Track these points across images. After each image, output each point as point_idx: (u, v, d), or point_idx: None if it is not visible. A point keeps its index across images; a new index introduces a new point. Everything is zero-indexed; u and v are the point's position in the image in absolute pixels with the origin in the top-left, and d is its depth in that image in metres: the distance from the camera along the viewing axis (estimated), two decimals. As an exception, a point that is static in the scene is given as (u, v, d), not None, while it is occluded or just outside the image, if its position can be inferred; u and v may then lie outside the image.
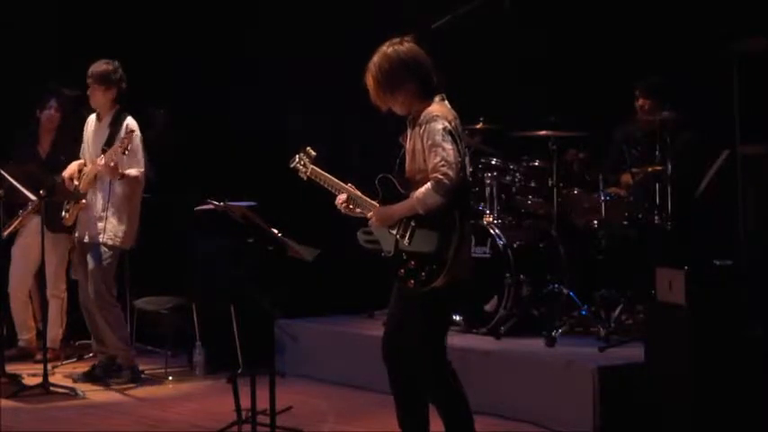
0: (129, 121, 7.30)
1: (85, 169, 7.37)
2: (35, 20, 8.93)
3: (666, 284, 5.62)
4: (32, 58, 8.68)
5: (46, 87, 8.32)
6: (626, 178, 7.19)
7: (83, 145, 7.53)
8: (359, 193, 5.07)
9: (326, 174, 5.15)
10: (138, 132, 7.21)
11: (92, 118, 7.50)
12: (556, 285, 7.06)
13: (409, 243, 4.87)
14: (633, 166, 7.13)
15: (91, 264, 7.27)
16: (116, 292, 7.38)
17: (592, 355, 6.31)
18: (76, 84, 7.66)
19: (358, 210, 5.05)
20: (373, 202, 5.02)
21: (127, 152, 7.04)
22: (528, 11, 7.73)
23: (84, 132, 7.52)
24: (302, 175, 5.22)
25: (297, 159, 5.24)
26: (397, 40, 4.99)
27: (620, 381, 5.96)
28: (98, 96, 7.33)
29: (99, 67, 7.31)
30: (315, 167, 5.18)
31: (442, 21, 6.65)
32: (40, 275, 7.76)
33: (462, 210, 4.88)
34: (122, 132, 7.21)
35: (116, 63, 7.35)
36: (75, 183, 7.34)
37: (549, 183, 7.22)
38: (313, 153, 5.22)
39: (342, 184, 5.11)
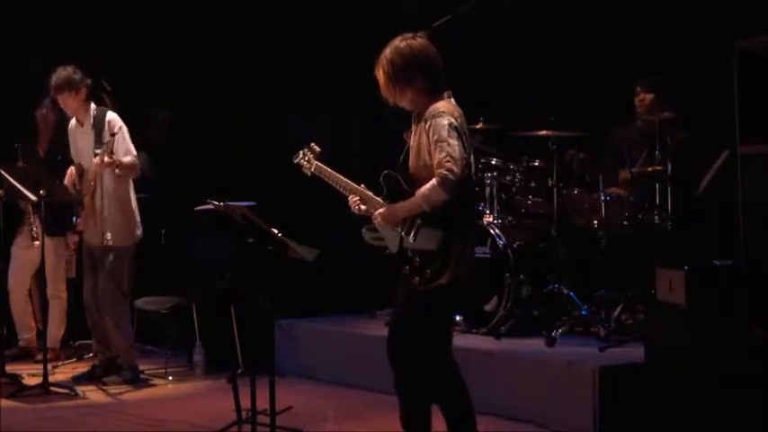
0: (111, 118, 7.27)
1: (83, 174, 7.36)
2: (35, 19, 8.93)
3: (666, 284, 5.62)
4: (32, 58, 8.67)
5: (43, 87, 8.34)
6: (626, 178, 7.19)
7: (72, 150, 7.50)
8: (364, 190, 5.06)
9: (331, 170, 5.14)
10: (121, 127, 7.16)
11: (72, 123, 7.46)
12: (556, 285, 7.06)
13: (414, 240, 4.85)
14: (633, 166, 7.14)
15: (99, 265, 7.28)
16: (128, 289, 7.38)
17: (592, 355, 6.31)
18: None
19: (363, 208, 5.03)
20: (378, 199, 5.01)
21: (113, 153, 7.03)
22: (528, 11, 7.73)
23: (70, 138, 7.50)
24: (306, 171, 5.19)
25: (301, 155, 5.21)
26: (410, 35, 4.96)
27: (620, 381, 5.96)
28: (71, 102, 7.30)
29: (60, 75, 7.26)
30: (319, 164, 5.17)
31: (442, 21, 6.64)
32: (39, 275, 7.77)
33: (467, 207, 4.89)
34: (106, 130, 7.18)
35: (72, 65, 7.32)
36: (78, 188, 7.35)
37: (549, 183, 7.22)
38: (317, 149, 5.19)
39: (346, 180, 5.08)
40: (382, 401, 6.32)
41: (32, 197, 7.19)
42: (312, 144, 5.21)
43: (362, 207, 5.01)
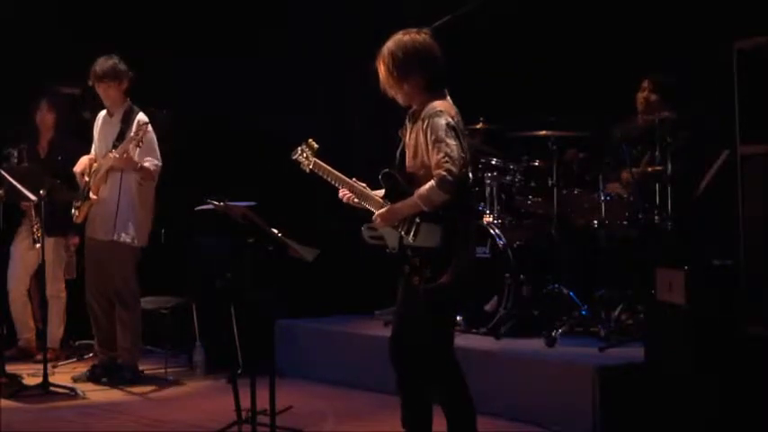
0: (141, 117, 7.26)
1: (95, 165, 7.35)
2: (35, 19, 8.93)
3: (666, 284, 5.62)
4: (32, 58, 8.67)
5: (41, 87, 8.35)
6: (626, 177, 7.19)
7: (94, 140, 7.51)
8: (364, 189, 5.05)
9: (329, 167, 5.14)
10: (150, 129, 7.18)
11: (102, 114, 7.48)
12: (556, 285, 7.06)
13: (414, 239, 4.85)
14: (633, 165, 7.13)
15: (105, 262, 7.28)
16: (138, 289, 7.37)
17: (592, 355, 6.31)
18: (77, 83, 7.66)
19: (356, 200, 5.03)
20: (379, 199, 5.00)
21: (141, 144, 7.03)
22: (528, 10, 7.73)
23: (95, 128, 7.51)
24: (305, 168, 5.19)
25: (299, 152, 5.20)
26: (414, 30, 4.97)
27: (620, 381, 5.96)
28: (112, 93, 7.29)
29: (105, 63, 7.27)
30: (317, 160, 5.16)
31: (442, 20, 6.64)
32: (39, 275, 7.77)
33: (466, 205, 4.90)
34: (134, 128, 7.19)
35: (116, 56, 7.33)
36: (86, 178, 7.33)
37: (549, 183, 7.22)
38: (315, 145, 5.18)
39: (345, 178, 5.08)
40: (382, 401, 6.32)
41: (32, 197, 7.19)
42: (310, 140, 5.21)
43: (355, 200, 5.01)
